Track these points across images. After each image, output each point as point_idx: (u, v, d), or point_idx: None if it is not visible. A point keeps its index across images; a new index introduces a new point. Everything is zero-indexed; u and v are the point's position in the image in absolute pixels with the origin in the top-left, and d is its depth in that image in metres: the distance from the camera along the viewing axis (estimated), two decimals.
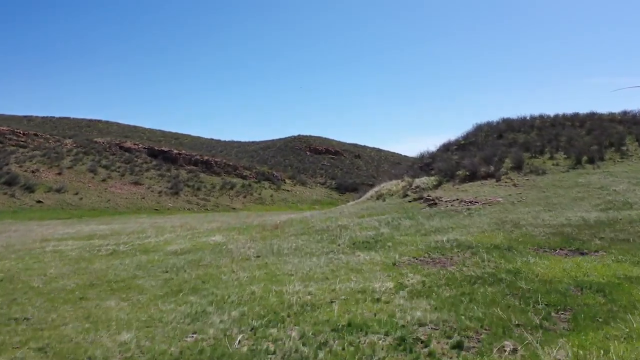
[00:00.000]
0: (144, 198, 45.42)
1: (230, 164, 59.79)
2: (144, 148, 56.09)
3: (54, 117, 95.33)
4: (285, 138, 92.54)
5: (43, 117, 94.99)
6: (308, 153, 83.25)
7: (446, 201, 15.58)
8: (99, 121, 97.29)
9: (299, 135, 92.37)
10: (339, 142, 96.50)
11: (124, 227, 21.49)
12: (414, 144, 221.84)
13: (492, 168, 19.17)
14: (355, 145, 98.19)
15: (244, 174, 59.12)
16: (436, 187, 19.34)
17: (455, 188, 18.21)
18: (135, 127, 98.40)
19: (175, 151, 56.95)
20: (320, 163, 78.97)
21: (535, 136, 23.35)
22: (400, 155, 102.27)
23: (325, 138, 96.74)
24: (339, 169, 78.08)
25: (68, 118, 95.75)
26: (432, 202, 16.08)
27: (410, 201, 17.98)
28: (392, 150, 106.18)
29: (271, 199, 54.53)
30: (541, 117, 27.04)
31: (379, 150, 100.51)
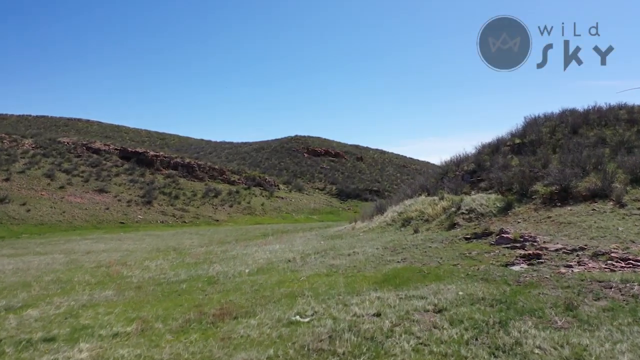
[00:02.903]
0: (108, 209, 37.98)
1: (216, 167, 52.28)
2: (116, 149, 48.57)
3: (30, 115, 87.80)
4: (281, 139, 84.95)
5: (19, 116, 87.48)
6: (306, 155, 75.63)
7: (557, 250, 8.21)
8: (79, 120, 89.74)
9: (296, 136, 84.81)
10: (340, 143, 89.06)
11: (23, 266, 14.10)
12: (414, 145, 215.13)
13: (597, 182, 11.82)
14: (357, 147, 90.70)
15: (232, 179, 51.66)
16: (504, 211, 12.01)
17: (546, 216, 10.86)
18: (118, 126, 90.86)
19: (152, 153, 49.43)
20: (319, 166, 71.42)
21: (634, 133, 15.99)
22: (406, 157, 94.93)
23: (325, 139, 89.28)
24: (340, 172, 70.55)
25: (46, 117, 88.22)
26: (522, 248, 8.71)
27: (468, 238, 10.64)
28: (395, 152, 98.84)
29: (262, 208, 47.01)
30: (621, 106, 19.75)
31: (382, 152, 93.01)
